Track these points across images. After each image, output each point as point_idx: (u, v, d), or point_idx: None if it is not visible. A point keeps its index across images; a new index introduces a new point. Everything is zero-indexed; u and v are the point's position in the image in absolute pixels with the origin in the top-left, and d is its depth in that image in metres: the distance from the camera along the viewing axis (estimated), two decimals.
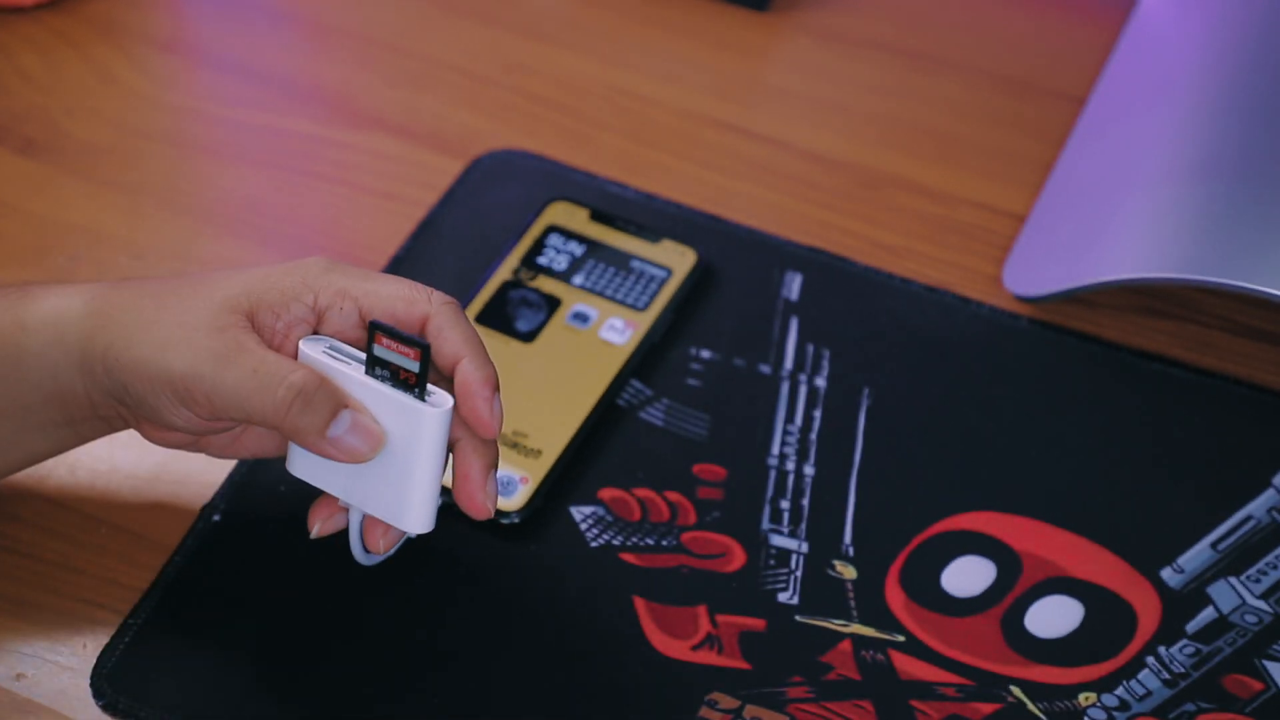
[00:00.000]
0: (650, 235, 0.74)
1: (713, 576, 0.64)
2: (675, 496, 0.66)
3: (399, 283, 0.58)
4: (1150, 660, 0.62)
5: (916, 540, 0.65)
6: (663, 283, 0.73)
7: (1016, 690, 0.61)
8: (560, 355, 0.70)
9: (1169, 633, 0.63)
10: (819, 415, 0.69)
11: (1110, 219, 0.74)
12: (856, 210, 0.79)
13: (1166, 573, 0.64)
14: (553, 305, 0.72)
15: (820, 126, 0.83)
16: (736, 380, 0.70)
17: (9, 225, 0.77)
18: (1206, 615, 0.63)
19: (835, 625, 0.63)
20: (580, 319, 0.71)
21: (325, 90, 0.84)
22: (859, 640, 0.62)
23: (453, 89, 0.84)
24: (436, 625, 0.62)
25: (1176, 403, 0.70)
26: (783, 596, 0.64)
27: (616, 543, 0.65)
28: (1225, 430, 0.69)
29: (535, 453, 0.67)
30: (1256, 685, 0.62)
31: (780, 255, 0.75)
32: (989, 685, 0.61)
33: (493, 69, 0.85)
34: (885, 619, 0.63)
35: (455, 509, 0.58)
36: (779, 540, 0.65)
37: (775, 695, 0.61)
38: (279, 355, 0.56)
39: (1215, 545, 0.65)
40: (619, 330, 0.71)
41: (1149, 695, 0.61)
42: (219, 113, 0.83)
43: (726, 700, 0.60)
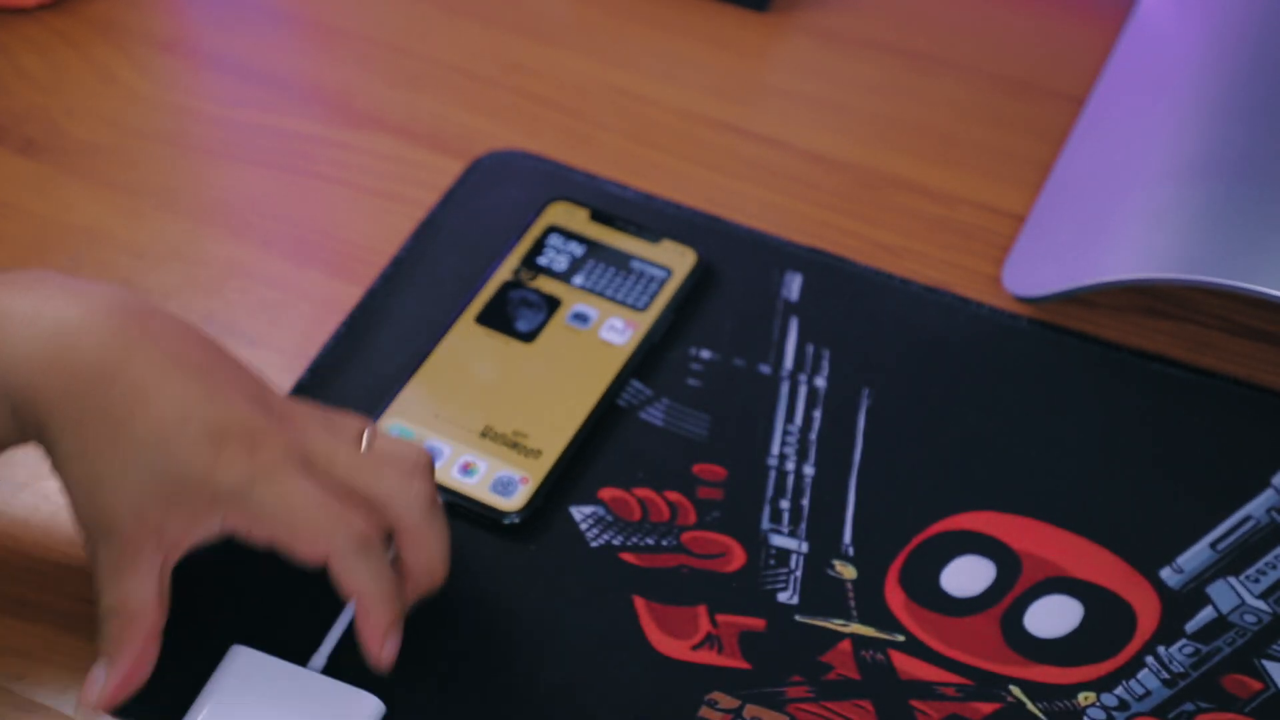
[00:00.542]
0: (650, 235, 0.74)
1: (713, 576, 0.64)
2: (675, 496, 0.66)
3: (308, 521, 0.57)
4: (1150, 660, 0.62)
5: (916, 540, 0.65)
6: (663, 283, 0.73)
7: (1016, 690, 0.61)
8: (560, 355, 0.70)
9: (1168, 632, 0.63)
10: (819, 415, 0.69)
11: (1110, 219, 0.74)
12: (856, 210, 0.79)
13: (1166, 572, 0.65)
14: (553, 305, 0.72)
15: (820, 126, 0.83)
16: (736, 380, 0.70)
17: (9, 225, 0.77)
18: (1206, 615, 0.63)
19: (835, 625, 0.63)
20: (580, 319, 0.71)
21: (325, 90, 0.84)
22: (859, 640, 0.62)
23: (453, 89, 0.84)
24: (436, 625, 0.62)
25: (1176, 403, 0.70)
26: (782, 596, 0.64)
27: (616, 543, 0.65)
28: (1225, 430, 0.69)
29: (535, 453, 0.67)
30: (1256, 685, 0.62)
31: (780, 255, 0.75)
32: (988, 685, 0.61)
33: (493, 69, 0.85)
34: (885, 619, 0.63)
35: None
36: (779, 540, 0.65)
37: (775, 695, 0.61)
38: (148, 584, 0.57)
39: (1215, 545, 0.65)
40: (619, 330, 0.71)
41: (1148, 695, 0.61)
42: (219, 113, 0.83)
43: (726, 700, 0.60)
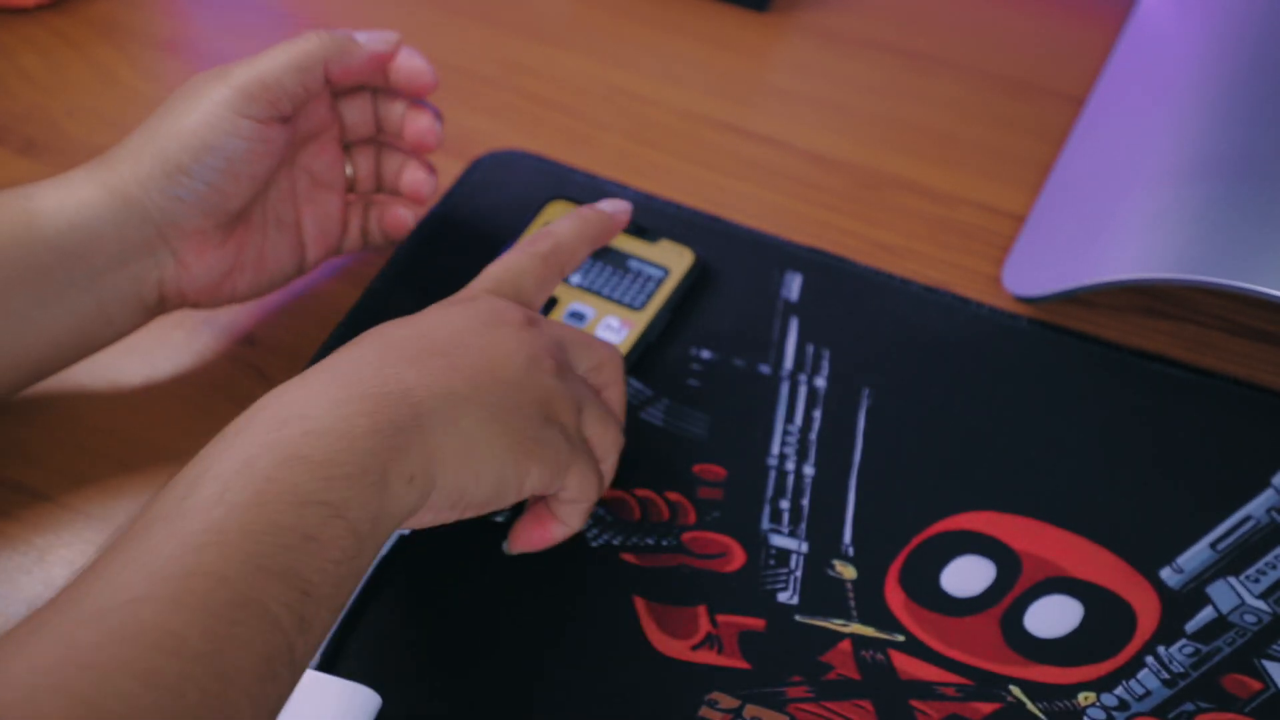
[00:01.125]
0: (649, 235, 0.74)
1: (713, 576, 0.64)
2: (675, 496, 0.66)
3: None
4: (1149, 660, 0.62)
5: (916, 540, 0.65)
6: (660, 282, 0.73)
7: (1016, 690, 0.61)
8: None
9: (1168, 632, 0.63)
10: (819, 415, 0.69)
11: (1110, 219, 0.74)
12: (856, 210, 0.79)
13: (1166, 572, 0.65)
14: (550, 304, 0.72)
15: (820, 127, 0.83)
16: (736, 380, 0.70)
17: None
18: (1206, 615, 0.63)
19: (835, 625, 0.63)
20: (577, 318, 0.71)
21: None
22: (859, 640, 0.62)
23: (453, 89, 0.84)
24: (436, 625, 0.62)
25: (1176, 403, 0.70)
26: (782, 596, 0.64)
27: (616, 543, 0.65)
28: (1224, 430, 0.69)
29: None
30: (1256, 685, 0.62)
31: (780, 255, 0.75)
32: (988, 685, 0.61)
33: (493, 69, 0.85)
34: (885, 619, 0.63)
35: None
36: (779, 540, 0.65)
37: (775, 695, 0.61)
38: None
39: (1214, 545, 0.65)
40: (615, 330, 0.71)
41: (1148, 695, 0.61)
42: None
43: (726, 700, 0.60)
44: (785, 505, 0.66)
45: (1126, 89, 0.82)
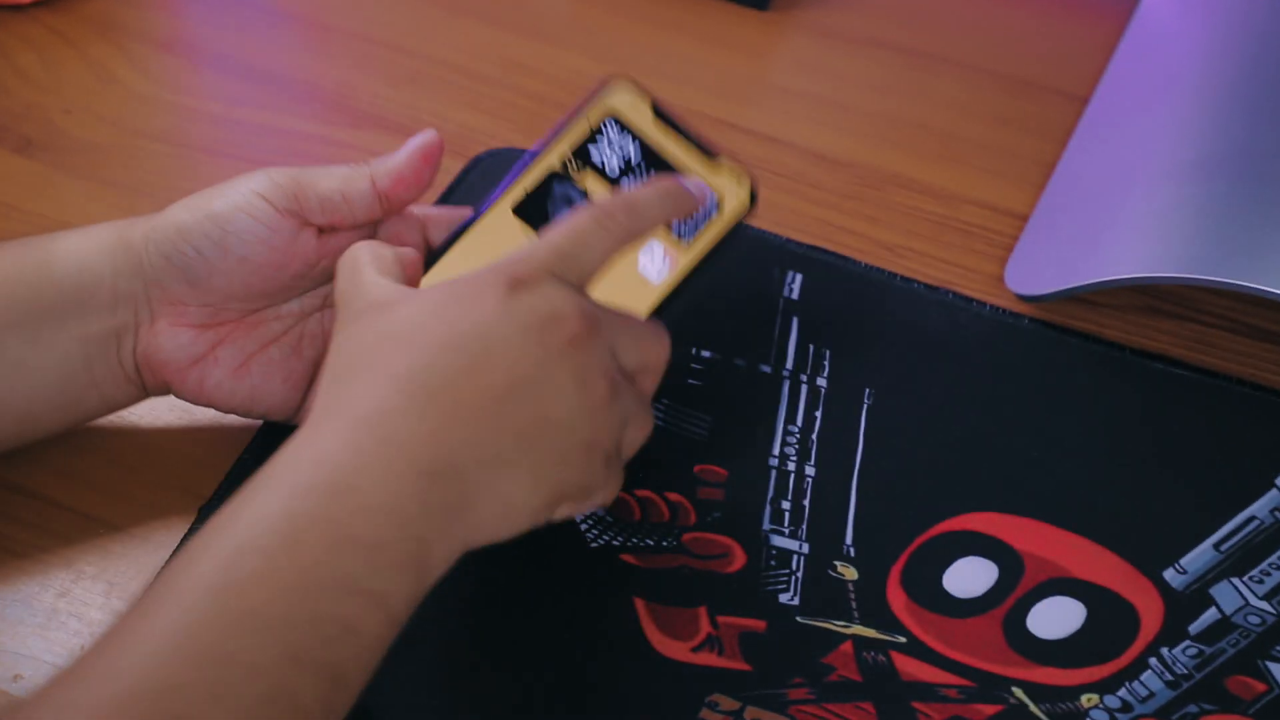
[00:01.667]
0: (709, 153, 0.65)
1: (713, 577, 0.64)
2: (676, 497, 0.66)
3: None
4: (1153, 661, 0.62)
5: (918, 541, 0.65)
6: (709, 218, 0.64)
7: (1018, 691, 0.61)
8: None
9: (1172, 634, 0.63)
10: (820, 415, 0.69)
11: (1112, 218, 0.74)
12: (858, 209, 0.78)
13: (1169, 573, 0.64)
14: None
15: (821, 125, 0.83)
16: (737, 380, 0.70)
17: (7, 225, 0.76)
18: (1209, 616, 0.63)
19: (836, 626, 0.63)
20: None
21: (325, 90, 0.84)
22: (860, 641, 0.62)
23: (453, 89, 0.83)
24: (436, 625, 0.62)
25: (1179, 403, 0.70)
26: (784, 597, 0.63)
27: (617, 543, 0.65)
28: (1228, 431, 0.69)
29: None
30: (1259, 686, 0.61)
31: (781, 254, 0.75)
32: (991, 686, 0.61)
33: (493, 69, 0.85)
34: (887, 620, 0.63)
35: None
36: (780, 541, 0.65)
37: (776, 696, 0.60)
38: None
39: (1218, 546, 0.65)
40: (657, 259, 0.63)
41: (1152, 696, 0.61)
42: (218, 111, 0.83)
43: (727, 702, 0.60)
44: (786, 506, 0.66)
45: (1129, 88, 0.82)
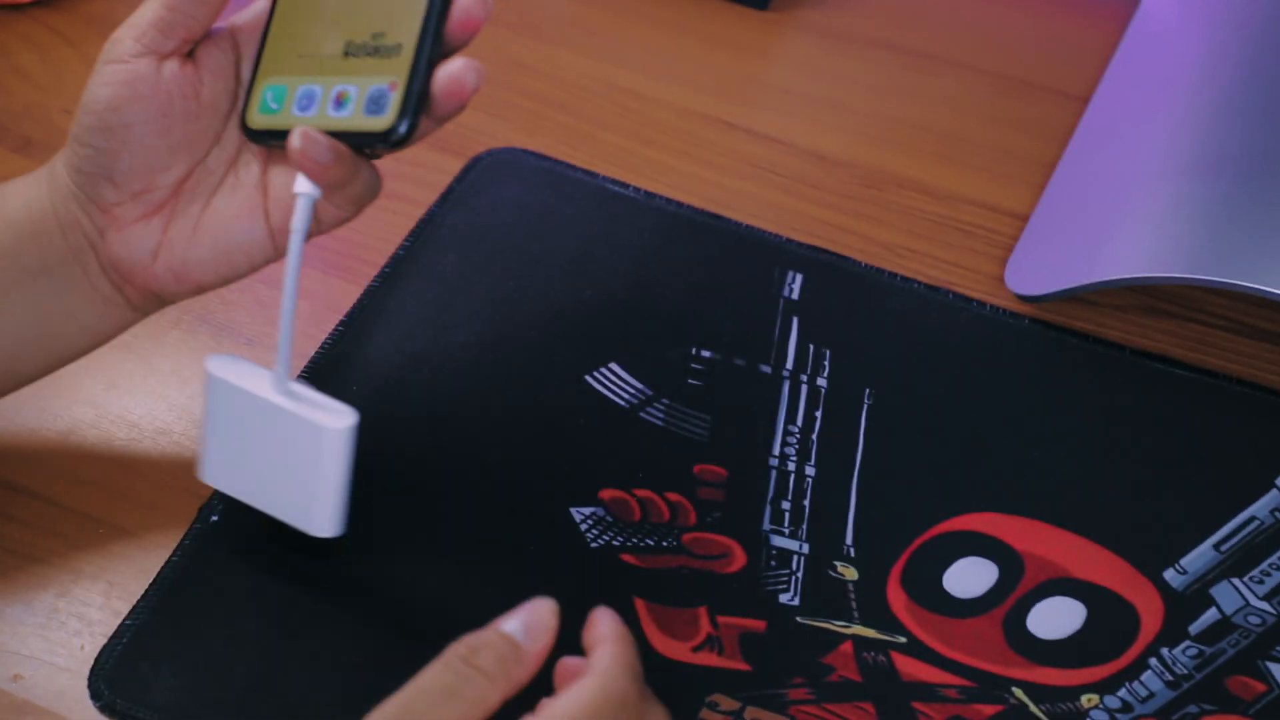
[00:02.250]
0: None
1: (713, 577, 0.64)
2: (675, 497, 0.66)
3: None
4: (1153, 662, 0.62)
5: (918, 541, 0.65)
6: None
7: (1019, 692, 0.61)
8: None
9: (1172, 634, 0.63)
10: (820, 415, 0.69)
11: (1113, 218, 0.74)
12: (858, 209, 0.78)
13: (1169, 574, 0.64)
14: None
15: (821, 125, 0.83)
16: (737, 380, 0.70)
17: None
18: (1209, 616, 0.63)
19: (836, 626, 0.63)
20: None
21: None
22: (860, 641, 0.62)
23: None
24: (436, 625, 0.61)
25: (1179, 403, 0.70)
26: (784, 598, 0.63)
27: (617, 543, 0.65)
28: (1228, 431, 0.69)
29: (395, 49, 0.56)
30: (1259, 687, 0.61)
31: (781, 255, 0.75)
32: (991, 687, 0.61)
33: (493, 68, 0.85)
34: (887, 620, 0.63)
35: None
36: (780, 541, 0.65)
37: (776, 697, 0.60)
38: None
39: (1218, 546, 0.65)
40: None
41: (1152, 697, 0.61)
42: None
43: (727, 702, 0.60)
44: (786, 506, 0.66)
45: (1129, 88, 0.82)
